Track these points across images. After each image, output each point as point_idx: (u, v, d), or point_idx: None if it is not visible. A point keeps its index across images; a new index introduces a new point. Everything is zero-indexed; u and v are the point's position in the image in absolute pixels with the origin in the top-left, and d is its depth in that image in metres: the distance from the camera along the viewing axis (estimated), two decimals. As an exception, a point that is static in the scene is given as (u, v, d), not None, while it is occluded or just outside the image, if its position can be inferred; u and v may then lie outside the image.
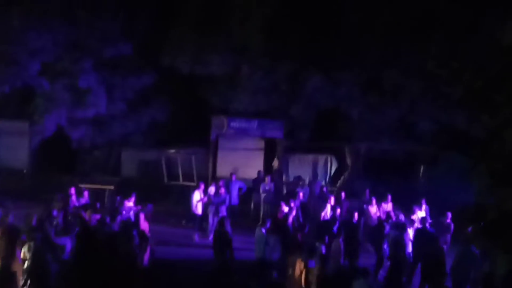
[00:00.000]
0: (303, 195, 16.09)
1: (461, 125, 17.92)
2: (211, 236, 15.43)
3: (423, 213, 14.70)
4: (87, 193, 15.05)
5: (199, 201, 15.83)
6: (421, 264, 12.10)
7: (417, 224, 13.61)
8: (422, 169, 20.20)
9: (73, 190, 14.84)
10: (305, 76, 18.77)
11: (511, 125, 16.95)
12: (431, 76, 17.78)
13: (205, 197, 15.83)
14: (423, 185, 19.58)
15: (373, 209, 15.45)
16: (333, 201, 15.14)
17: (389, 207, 15.42)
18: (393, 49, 17.63)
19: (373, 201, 15.59)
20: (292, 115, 19.65)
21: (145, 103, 20.60)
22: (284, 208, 13.98)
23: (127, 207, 13.85)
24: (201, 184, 16.20)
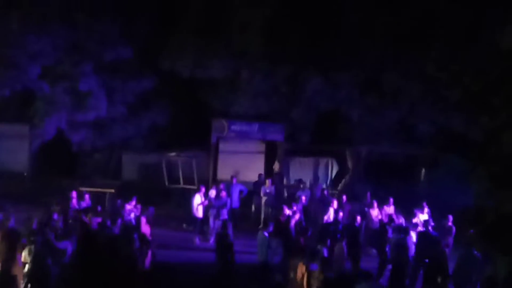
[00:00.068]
0: (305, 198, 16.04)
1: (460, 127, 17.90)
2: (211, 239, 15.44)
3: (425, 216, 14.66)
4: (88, 197, 15.00)
5: (199, 204, 15.82)
6: (424, 267, 12.08)
7: (419, 227, 13.56)
8: (423, 172, 20.17)
9: (74, 193, 14.80)
10: (305, 78, 18.78)
11: (509, 128, 16.94)
12: (431, 79, 17.78)
13: (206, 200, 15.82)
14: (424, 188, 19.55)
15: (375, 212, 15.42)
16: (336, 204, 15.08)
17: (391, 210, 15.37)
18: (393, 52, 17.63)
19: (375, 204, 15.56)
20: (292, 118, 19.65)
21: (146, 106, 20.58)
22: (286, 211, 13.96)
23: (128, 210, 13.81)
24: (202, 187, 16.18)
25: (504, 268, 11.88)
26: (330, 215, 14.74)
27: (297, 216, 13.99)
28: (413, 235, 13.15)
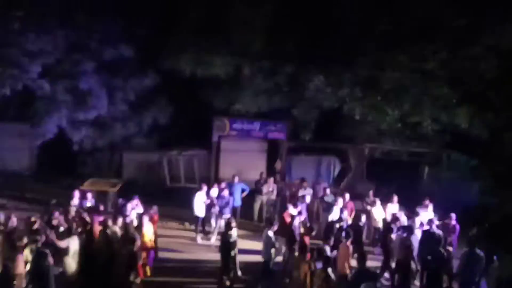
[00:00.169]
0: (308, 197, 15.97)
1: (463, 125, 17.81)
2: (213, 238, 15.39)
3: (429, 214, 14.56)
4: (91, 195, 14.93)
5: (201, 203, 15.73)
6: (428, 265, 12.00)
7: (425, 225, 13.46)
8: (426, 170, 20.07)
9: (76, 192, 14.73)
10: (307, 77, 18.69)
11: (511, 128, 16.90)
12: (432, 77, 17.68)
13: (208, 199, 15.75)
14: (427, 186, 19.45)
15: (378, 210, 15.33)
16: (340, 203, 14.99)
17: (395, 208, 15.27)
18: (393, 50, 17.53)
19: (377, 202, 15.48)
20: (294, 116, 19.56)
21: (147, 105, 20.53)
22: (290, 210, 13.90)
23: (130, 209, 13.74)
24: (203, 186, 16.10)
25: (508, 267, 11.82)
26: (334, 214, 14.62)
27: (303, 216, 13.93)
28: (417, 234, 13.07)
